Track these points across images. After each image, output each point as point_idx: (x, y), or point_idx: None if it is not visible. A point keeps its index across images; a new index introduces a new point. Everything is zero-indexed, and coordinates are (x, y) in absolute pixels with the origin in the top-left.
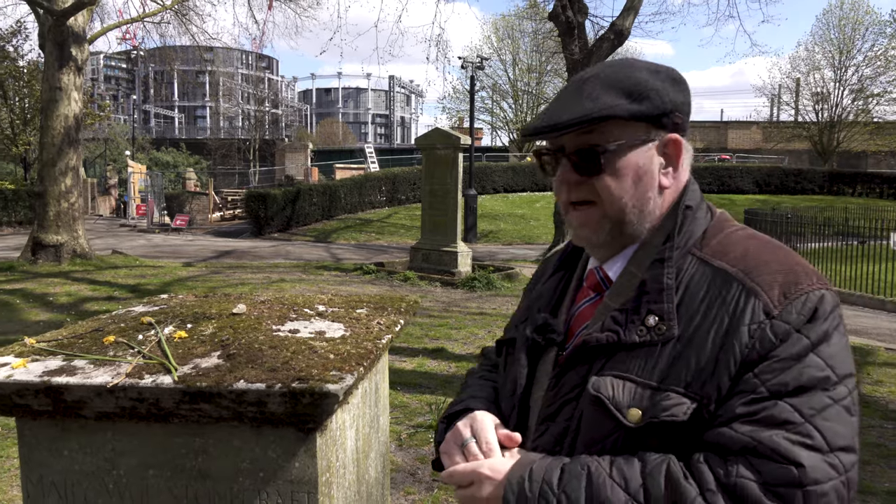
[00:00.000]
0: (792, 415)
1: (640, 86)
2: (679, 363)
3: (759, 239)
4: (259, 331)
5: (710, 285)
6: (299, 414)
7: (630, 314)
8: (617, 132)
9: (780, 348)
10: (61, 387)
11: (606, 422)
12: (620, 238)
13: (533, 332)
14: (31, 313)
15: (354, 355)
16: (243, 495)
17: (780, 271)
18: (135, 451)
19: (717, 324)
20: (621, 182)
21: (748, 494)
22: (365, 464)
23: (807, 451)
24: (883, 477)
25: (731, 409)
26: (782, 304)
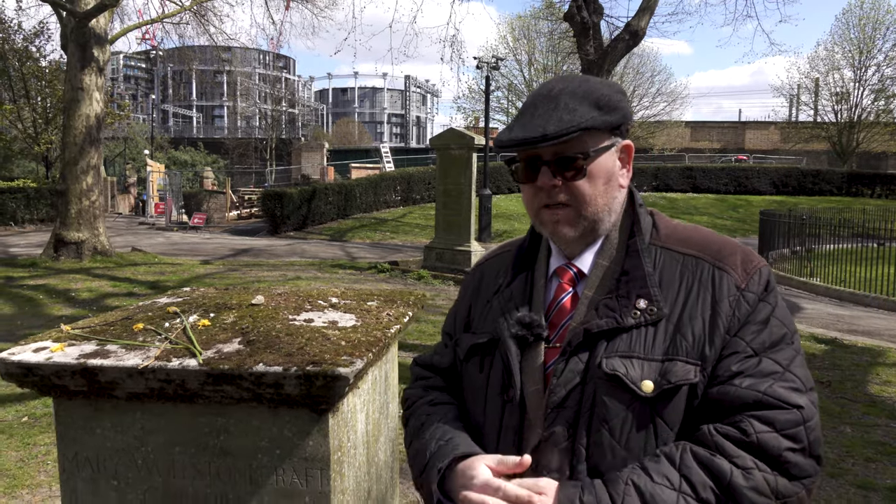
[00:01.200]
0: (775, 367)
1: (606, 99)
2: (677, 337)
3: (700, 229)
4: (276, 320)
5: (684, 269)
6: (313, 395)
7: (622, 300)
8: (591, 140)
9: (753, 314)
10: (96, 368)
11: (623, 396)
12: (591, 234)
13: (522, 330)
14: (54, 308)
15: (364, 342)
16: (261, 471)
17: (734, 252)
18: (162, 429)
19: (701, 300)
20: (595, 185)
21: (771, 445)
22: (375, 447)
23: (797, 394)
24: (885, 474)
25: (728, 367)
26: (745, 278)
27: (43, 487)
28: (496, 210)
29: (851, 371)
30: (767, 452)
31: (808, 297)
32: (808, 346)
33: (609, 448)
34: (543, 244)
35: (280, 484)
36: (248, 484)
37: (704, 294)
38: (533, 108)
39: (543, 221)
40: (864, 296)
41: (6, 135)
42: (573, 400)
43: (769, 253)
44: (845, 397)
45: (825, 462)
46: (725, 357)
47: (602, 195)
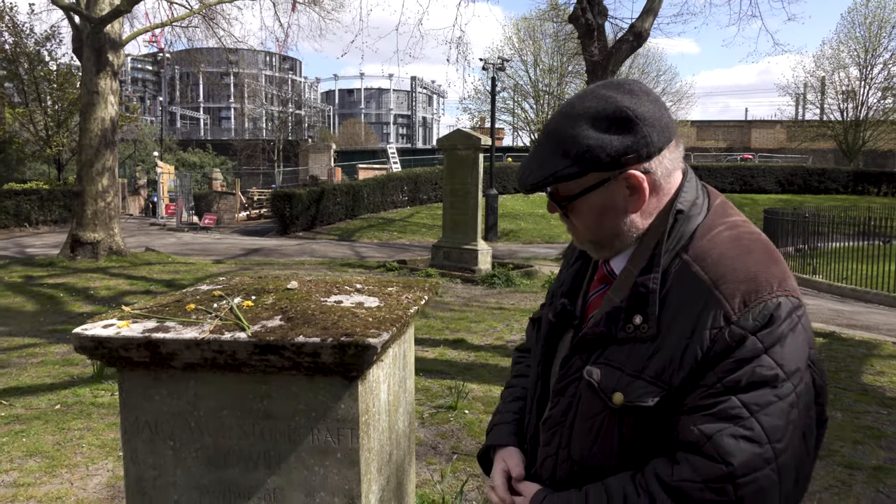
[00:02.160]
0: (739, 410)
1: (576, 145)
2: (654, 358)
3: (739, 242)
4: (310, 301)
5: (686, 290)
6: (345, 364)
7: (622, 312)
8: (571, 185)
9: (737, 350)
10: (159, 341)
11: (597, 402)
12: (607, 250)
13: (553, 316)
14: (75, 305)
15: (388, 319)
16: (299, 431)
17: (744, 280)
18: (212, 395)
19: (686, 324)
20: (584, 220)
21: (688, 491)
22: (395, 416)
23: (744, 443)
24: (871, 455)
25: (694, 399)
26: (742, 311)
27: (80, 467)
28: (503, 210)
29: (847, 362)
30: (682, 497)
31: (811, 294)
32: None
33: (585, 443)
34: None
35: (315, 442)
36: (288, 442)
37: (690, 321)
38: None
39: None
40: (866, 292)
41: (18, 138)
42: (570, 392)
43: None
44: (839, 386)
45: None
46: (695, 388)
47: (594, 228)
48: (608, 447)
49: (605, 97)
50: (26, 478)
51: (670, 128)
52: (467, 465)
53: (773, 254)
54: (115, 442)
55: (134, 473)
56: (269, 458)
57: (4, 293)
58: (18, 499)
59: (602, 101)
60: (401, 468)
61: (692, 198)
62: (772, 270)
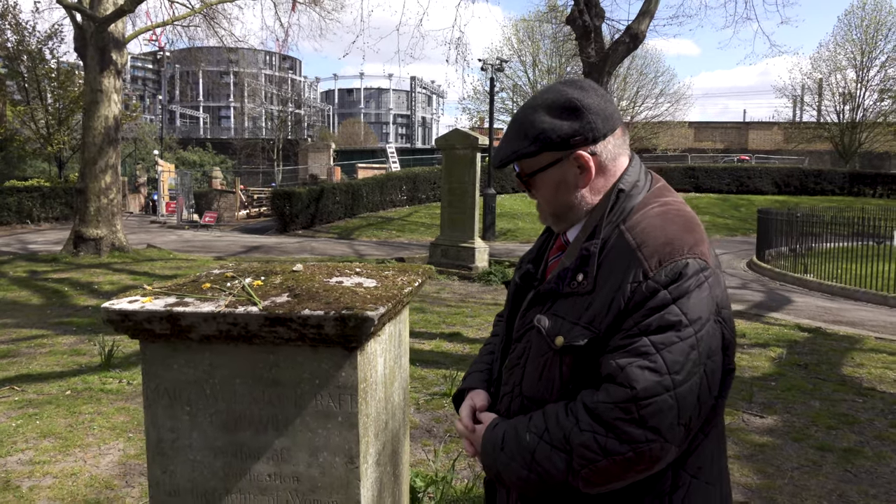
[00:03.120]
0: (648, 347)
1: (533, 128)
2: (589, 309)
3: (665, 216)
4: (314, 281)
5: (617, 253)
6: (346, 335)
7: (569, 272)
8: (531, 163)
9: (651, 300)
10: (179, 314)
11: (544, 345)
12: (563, 222)
13: (518, 278)
14: (79, 299)
15: (385, 297)
16: (304, 397)
17: (662, 244)
18: (226, 364)
19: (614, 280)
20: (543, 193)
21: (604, 413)
22: (391, 389)
23: (648, 373)
24: (843, 439)
25: (615, 341)
26: (657, 269)
27: (92, 447)
28: (500, 209)
29: (829, 355)
30: (601, 418)
31: (801, 292)
32: (792, 333)
33: (533, 380)
34: None
35: (319, 407)
36: (294, 407)
37: (617, 277)
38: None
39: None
40: (855, 290)
41: (20, 135)
42: (526, 339)
43: (766, 251)
44: (819, 377)
45: (673, 434)
46: (618, 331)
47: (553, 200)
48: (551, 383)
49: (559, 90)
50: (42, 456)
51: (615, 117)
52: (459, 447)
53: (690, 225)
54: (125, 425)
55: (154, 436)
56: (276, 422)
57: (10, 287)
58: (35, 475)
59: (556, 94)
60: (396, 437)
61: (634, 180)
62: (686, 238)
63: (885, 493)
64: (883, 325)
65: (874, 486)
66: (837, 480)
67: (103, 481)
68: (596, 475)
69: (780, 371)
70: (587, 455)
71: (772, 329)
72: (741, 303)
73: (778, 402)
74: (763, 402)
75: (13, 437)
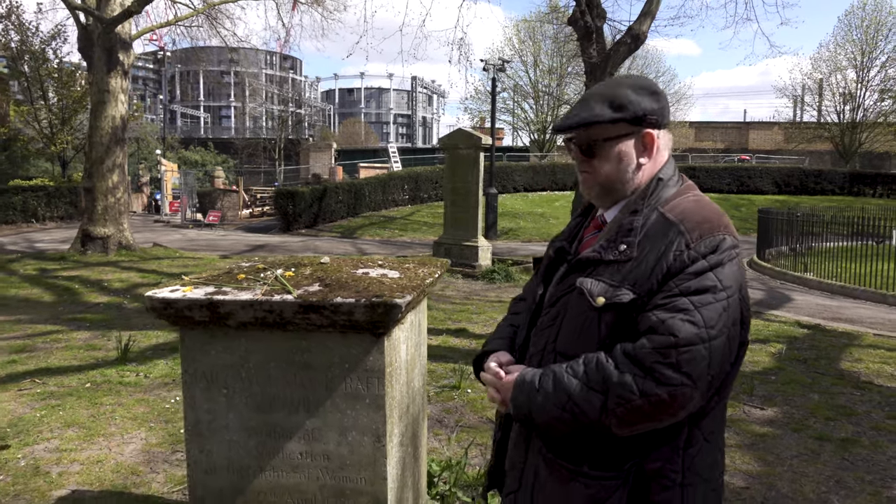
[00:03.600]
0: (687, 305)
1: (619, 98)
2: (632, 273)
3: (699, 202)
4: (342, 272)
5: (660, 228)
6: (374, 321)
7: (611, 243)
8: (603, 130)
9: (691, 267)
10: (219, 302)
11: (584, 304)
12: (608, 196)
13: (553, 252)
14: (91, 296)
15: (409, 286)
16: (334, 380)
17: (701, 221)
18: (261, 350)
19: (657, 250)
20: (605, 163)
21: (645, 358)
22: (412, 374)
23: (688, 325)
24: (840, 429)
25: (656, 300)
26: (697, 241)
27: (115, 436)
28: (502, 209)
29: (828, 351)
30: (641, 362)
31: (801, 291)
32: (792, 330)
33: (569, 337)
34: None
35: (348, 389)
36: (324, 390)
37: (661, 246)
38: (576, 104)
39: (579, 182)
40: (854, 289)
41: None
42: (562, 303)
43: (767, 250)
44: (818, 371)
45: (702, 383)
46: (658, 292)
47: (612, 171)
48: (588, 339)
49: (642, 77)
50: (67, 445)
51: (669, 116)
52: (470, 436)
53: (721, 211)
54: (146, 415)
55: (192, 418)
56: (308, 403)
57: (22, 285)
58: (63, 462)
59: (640, 78)
60: (416, 420)
61: (670, 174)
62: (720, 219)
63: (880, 479)
64: (882, 323)
65: (870, 472)
66: (835, 468)
67: (129, 468)
68: (630, 414)
69: (780, 366)
70: (625, 395)
71: (772, 326)
72: None
73: (778, 395)
74: (763, 395)
75: (38, 427)
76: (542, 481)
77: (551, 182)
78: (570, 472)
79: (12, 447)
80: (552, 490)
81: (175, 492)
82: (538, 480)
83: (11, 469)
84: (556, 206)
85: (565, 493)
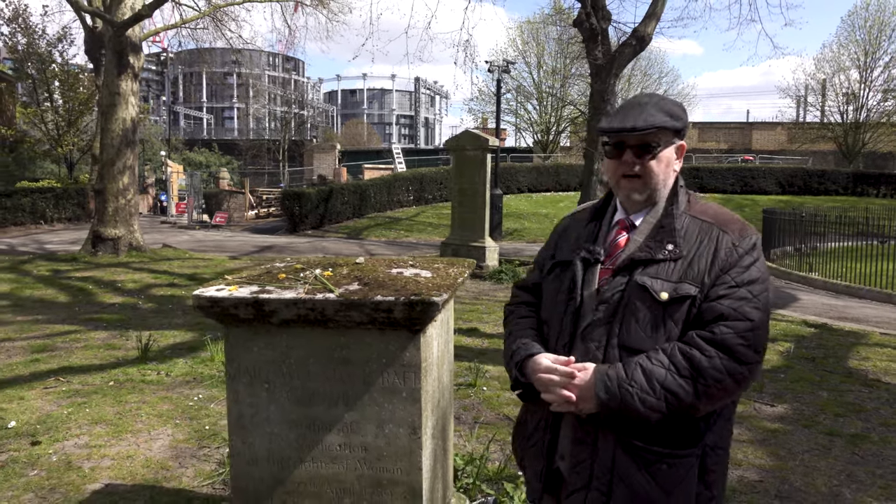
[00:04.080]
0: (748, 294)
1: (674, 111)
2: (688, 270)
3: (717, 206)
4: (377, 272)
5: (701, 229)
6: (412, 318)
7: (657, 243)
8: (661, 136)
9: (740, 261)
10: (264, 301)
11: (647, 299)
12: (649, 200)
13: (587, 255)
14: (105, 296)
15: (443, 285)
16: (371, 375)
17: (737, 224)
18: (301, 346)
19: (707, 249)
20: (659, 165)
21: (729, 341)
22: (442, 369)
23: (756, 311)
24: (851, 426)
25: (716, 292)
26: (739, 239)
27: (143, 433)
28: (507, 209)
29: (835, 349)
30: (726, 345)
31: (806, 290)
32: (799, 329)
33: (634, 332)
34: (611, 204)
35: (385, 383)
36: (363, 384)
37: (710, 245)
38: (628, 110)
39: (621, 186)
40: (859, 288)
41: (30, 137)
42: (616, 299)
43: (772, 250)
44: (826, 370)
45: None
46: (717, 285)
47: (662, 173)
48: (654, 332)
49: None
50: (96, 441)
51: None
52: (489, 432)
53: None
54: (171, 412)
55: (235, 411)
56: (347, 397)
57: (36, 286)
58: (94, 457)
59: (670, 98)
60: (445, 415)
61: (682, 182)
62: (744, 221)
63: (891, 473)
64: (888, 322)
65: (881, 466)
66: (846, 462)
67: (158, 463)
68: (719, 392)
69: (788, 364)
70: (716, 376)
71: (779, 325)
72: None
73: (787, 393)
74: (773, 393)
75: (67, 424)
76: (621, 471)
77: (555, 183)
78: (656, 455)
79: (43, 443)
80: (634, 478)
81: (205, 485)
82: (616, 471)
83: (44, 464)
84: (561, 207)
85: (649, 476)
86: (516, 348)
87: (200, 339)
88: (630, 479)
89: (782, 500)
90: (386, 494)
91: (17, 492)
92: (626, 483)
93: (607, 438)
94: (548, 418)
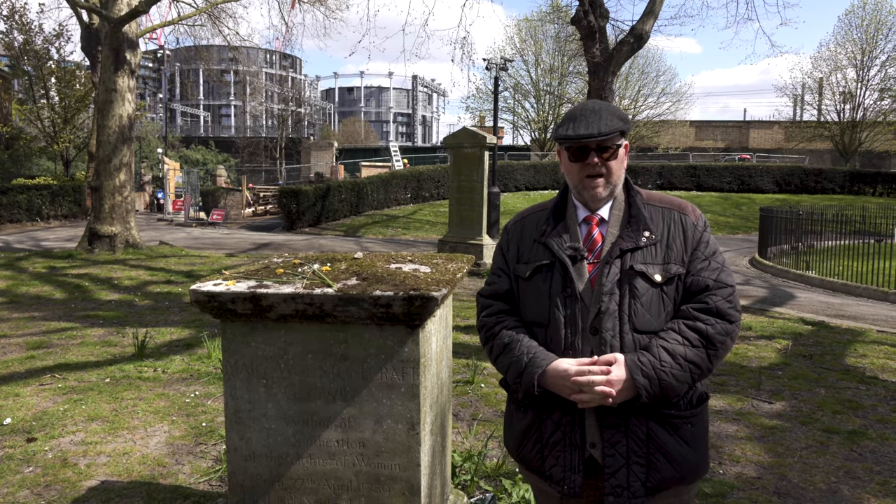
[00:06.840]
0: (717, 265)
1: (623, 115)
2: (668, 252)
3: (660, 192)
4: (376, 267)
5: (663, 214)
6: (411, 314)
7: (635, 232)
8: (617, 138)
9: (702, 237)
10: (261, 295)
11: (645, 282)
12: (610, 195)
13: (573, 252)
14: (101, 293)
15: (442, 280)
16: (370, 370)
17: (686, 205)
18: (299, 342)
19: (676, 230)
20: (619, 164)
21: (722, 308)
22: (440, 365)
23: (729, 276)
24: (848, 422)
25: (696, 266)
26: (696, 219)
27: (139, 429)
28: (504, 207)
29: (832, 347)
30: (720, 311)
31: (804, 288)
32: (796, 327)
33: (641, 315)
34: (570, 203)
35: (384, 379)
36: (361, 379)
37: (677, 227)
38: (587, 116)
39: (586, 186)
40: (856, 286)
41: (26, 134)
42: (617, 287)
43: (769, 248)
44: (824, 367)
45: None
46: (692, 261)
47: (619, 171)
48: (656, 311)
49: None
50: (92, 437)
51: None
52: (486, 429)
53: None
54: (167, 409)
55: (232, 407)
56: (345, 393)
57: (32, 282)
58: (90, 454)
59: (613, 104)
60: (443, 411)
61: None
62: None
63: (888, 470)
64: (884, 320)
65: (878, 463)
66: (844, 459)
67: (154, 459)
68: (724, 351)
69: (786, 361)
70: (721, 339)
71: (776, 322)
72: (746, 298)
73: (785, 390)
74: (771, 390)
75: (63, 420)
76: (658, 441)
77: (552, 181)
78: (684, 419)
79: (39, 440)
80: (668, 443)
81: (202, 482)
82: (653, 442)
83: (40, 461)
84: None
85: (679, 439)
86: (530, 358)
87: (197, 336)
88: (665, 445)
89: (780, 497)
90: (384, 490)
91: (12, 489)
92: (662, 451)
93: (639, 415)
94: (571, 415)
